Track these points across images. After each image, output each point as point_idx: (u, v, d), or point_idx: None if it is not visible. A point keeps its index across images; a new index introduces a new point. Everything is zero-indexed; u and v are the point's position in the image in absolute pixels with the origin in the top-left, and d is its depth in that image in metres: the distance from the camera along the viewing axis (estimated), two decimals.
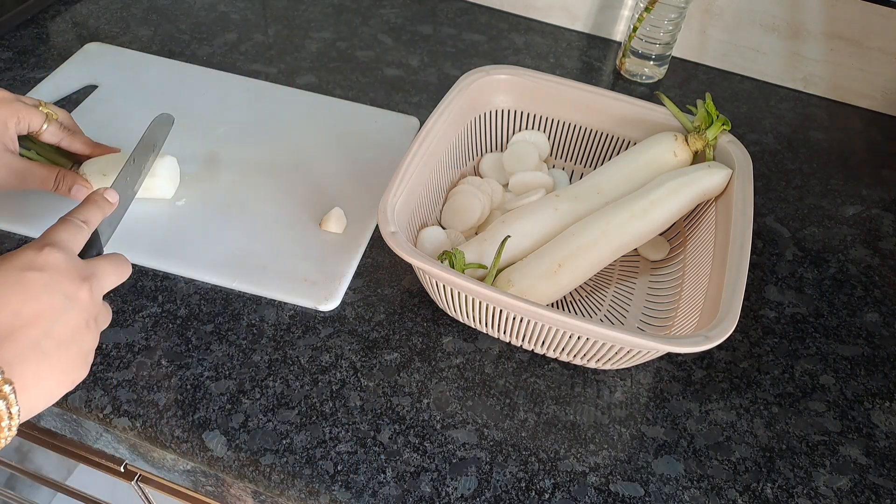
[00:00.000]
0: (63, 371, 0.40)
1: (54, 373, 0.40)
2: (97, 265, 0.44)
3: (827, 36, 0.80)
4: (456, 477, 0.49)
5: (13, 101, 0.56)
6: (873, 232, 0.70)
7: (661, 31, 0.79)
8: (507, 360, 0.56)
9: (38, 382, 0.39)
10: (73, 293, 0.41)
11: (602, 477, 0.50)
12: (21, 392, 0.38)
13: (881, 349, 0.60)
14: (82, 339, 0.41)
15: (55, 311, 0.40)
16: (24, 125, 0.57)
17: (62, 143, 0.60)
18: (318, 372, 0.54)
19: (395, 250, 0.49)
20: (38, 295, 0.39)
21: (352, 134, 0.72)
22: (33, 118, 0.57)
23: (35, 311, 0.39)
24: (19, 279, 0.39)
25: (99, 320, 0.44)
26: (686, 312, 0.54)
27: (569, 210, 0.58)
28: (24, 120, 0.57)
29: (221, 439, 0.50)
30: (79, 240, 0.45)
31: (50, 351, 0.39)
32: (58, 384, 0.40)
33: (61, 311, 0.40)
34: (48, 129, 0.59)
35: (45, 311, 0.39)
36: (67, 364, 0.41)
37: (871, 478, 0.52)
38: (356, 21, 0.89)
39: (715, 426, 0.53)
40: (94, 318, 0.43)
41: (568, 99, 0.65)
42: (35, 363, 0.39)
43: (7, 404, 0.37)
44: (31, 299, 0.39)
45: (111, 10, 0.86)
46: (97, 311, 0.43)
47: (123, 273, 0.47)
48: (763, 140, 0.79)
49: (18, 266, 0.40)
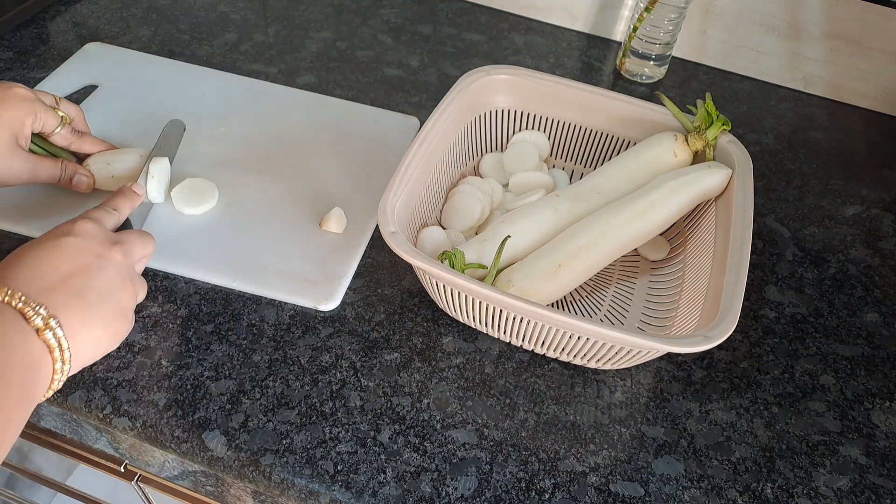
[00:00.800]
0: (106, 321, 0.45)
1: (98, 321, 0.45)
2: (125, 235, 0.51)
3: (827, 36, 0.80)
4: (456, 477, 0.49)
5: (34, 100, 0.57)
6: (873, 232, 0.70)
7: (661, 31, 0.79)
8: (507, 360, 0.56)
9: (84, 330, 0.44)
10: (106, 253, 0.47)
11: (602, 477, 0.50)
12: (71, 336, 0.43)
13: (881, 349, 0.60)
14: (119, 294, 0.47)
15: (91, 267, 0.45)
16: (39, 125, 0.58)
17: (71, 146, 0.61)
18: (318, 372, 0.54)
19: (395, 250, 0.49)
20: (74, 255, 0.45)
21: (352, 134, 0.72)
22: (49, 120, 0.58)
23: (72, 267, 0.45)
24: (56, 243, 0.45)
25: (136, 284, 0.50)
26: (686, 312, 0.54)
27: (569, 210, 0.58)
28: (40, 120, 0.58)
29: (221, 439, 0.50)
30: (110, 220, 0.51)
31: (91, 300, 0.44)
32: (103, 333, 0.45)
33: (97, 267, 0.46)
34: (61, 132, 0.60)
35: (81, 267, 0.45)
36: (109, 315, 0.45)
37: (871, 478, 0.52)
38: (356, 21, 0.89)
39: (715, 426, 0.53)
40: (129, 278, 0.48)
41: (568, 99, 0.65)
42: (80, 310, 0.43)
43: (56, 338, 0.41)
44: (68, 258, 0.45)
45: (111, 10, 0.86)
46: (131, 272, 0.49)
47: (149, 244, 0.53)
48: (763, 140, 0.79)
49: (56, 234, 0.46)
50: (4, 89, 0.56)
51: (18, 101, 0.56)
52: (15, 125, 0.55)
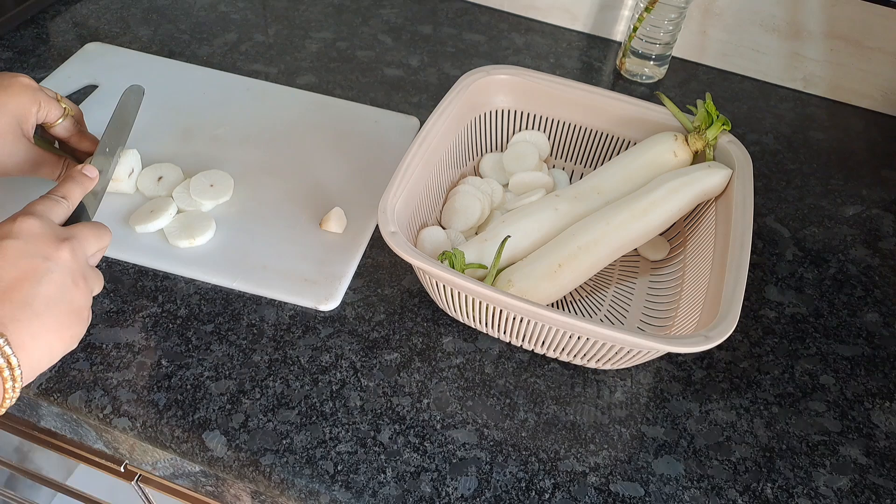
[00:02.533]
0: (58, 327, 0.42)
1: (49, 330, 0.42)
2: (76, 229, 0.46)
3: (827, 36, 0.80)
4: (456, 477, 0.49)
5: (37, 89, 0.57)
6: (873, 232, 0.70)
7: (661, 31, 0.79)
8: (507, 360, 0.56)
9: (34, 340, 0.41)
10: (52, 254, 0.43)
11: (602, 477, 0.50)
12: (20, 350, 0.40)
13: (881, 349, 0.60)
14: (70, 296, 0.43)
15: (37, 272, 0.42)
16: (43, 114, 0.57)
17: (71, 139, 0.60)
18: (318, 372, 0.54)
19: (395, 250, 0.49)
20: (16, 260, 0.41)
21: (352, 134, 0.72)
22: (52, 109, 0.58)
23: (16, 274, 0.41)
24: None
25: (89, 280, 0.45)
26: (686, 312, 0.54)
27: (569, 210, 0.58)
28: (44, 109, 0.57)
29: (221, 439, 0.50)
30: (57, 212, 0.47)
31: (40, 309, 0.41)
32: (56, 340, 0.43)
33: (43, 271, 0.42)
34: (63, 123, 0.59)
35: (26, 273, 0.41)
36: (60, 321, 0.42)
37: (871, 478, 0.52)
38: (356, 21, 0.89)
39: (715, 426, 0.53)
40: (80, 277, 0.44)
41: (568, 99, 0.65)
42: (28, 321, 0.40)
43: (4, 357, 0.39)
44: (10, 265, 0.41)
45: (111, 10, 0.86)
46: (83, 270, 0.45)
47: (104, 237, 0.48)
48: (763, 140, 0.79)
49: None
50: (9, 78, 0.56)
51: (22, 90, 0.55)
52: (20, 113, 0.55)
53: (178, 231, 0.60)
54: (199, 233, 0.60)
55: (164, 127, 0.70)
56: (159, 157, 0.67)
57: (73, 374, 0.52)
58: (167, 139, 0.69)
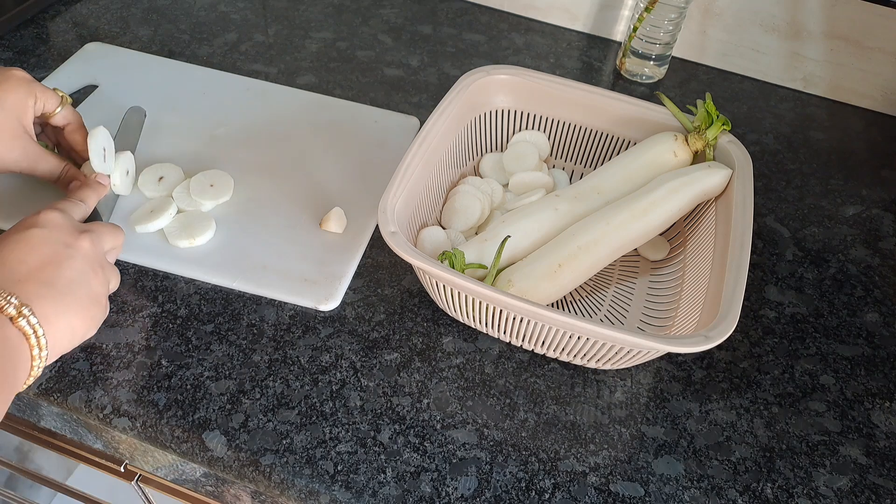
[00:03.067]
0: (79, 308, 0.45)
1: (71, 309, 0.45)
2: (93, 225, 0.50)
3: (827, 36, 0.80)
4: (456, 477, 0.49)
5: (32, 81, 0.57)
6: (873, 232, 0.70)
7: (661, 31, 0.79)
8: (507, 360, 0.56)
9: (58, 318, 0.44)
10: (73, 242, 0.47)
11: (602, 477, 0.50)
12: (45, 323, 0.43)
13: (881, 349, 0.60)
14: (90, 281, 0.47)
15: (59, 257, 0.45)
16: (40, 105, 0.58)
17: (68, 128, 0.60)
18: (318, 372, 0.54)
19: (395, 250, 0.49)
20: (39, 246, 0.45)
21: (352, 134, 0.72)
22: (49, 99, 0.58)
23: (40, 259, 0.45)
24: (22, 236, 0.45)
25: (107, 271, 0.49)
26: (686, 312, 0.54)
27: (569, 210, 0.58)
28: (41, 100, 0.57)
29: (221, 439, 0.50)
30: (76, 211, 0.51)
31: (63, 289, 0.44)
32: (77, 320, 0.45)
33: (65, 256, 0.46)
34: (62, 112, 0.59)
35: (49, 258, 0.45)
36: (82, 302, 0.46)
37: (871, 478, 0.52)
38: (356, 21, 0.89)
39: (715, 426, 0.53)
40: (99, 266, 0.48)
41: (568, 99, 0.65)
42: (51, 299, 0.44)
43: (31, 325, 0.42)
44: (35, 250, 0.45)
45: (111, 10, 0.86)
46: (101, 261, 0.49)
47: (119, 235, 0.53)
48: (763, 140, 0.79)
49: (22, 226, 0.46)
50: (2, 73, 0.56)
51: (18, 84, 0.56)
52: (18, 108, 0.55)
53: (179, 231, 0.60)
54: (199, 233, 0.60)
55: (165, 127, 0.70)
56: (159, 157, 0.67)
57: (73, 374, 0.52)
58: (167, 139, 0.69)
